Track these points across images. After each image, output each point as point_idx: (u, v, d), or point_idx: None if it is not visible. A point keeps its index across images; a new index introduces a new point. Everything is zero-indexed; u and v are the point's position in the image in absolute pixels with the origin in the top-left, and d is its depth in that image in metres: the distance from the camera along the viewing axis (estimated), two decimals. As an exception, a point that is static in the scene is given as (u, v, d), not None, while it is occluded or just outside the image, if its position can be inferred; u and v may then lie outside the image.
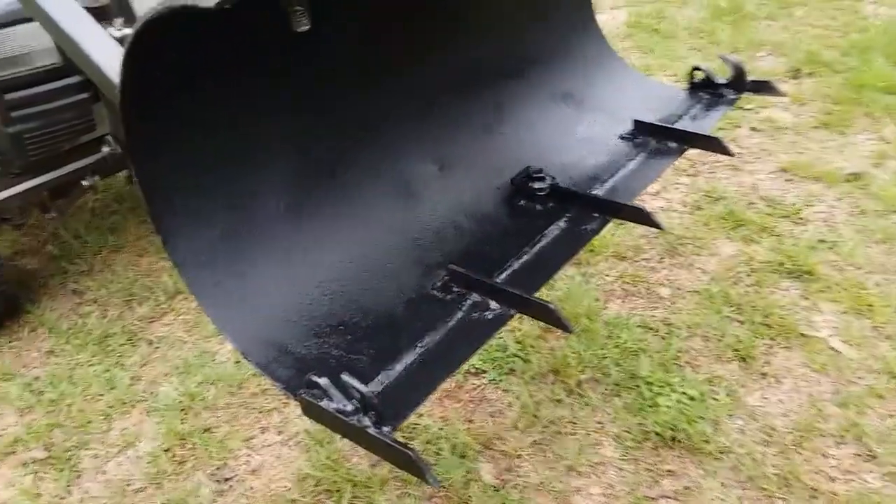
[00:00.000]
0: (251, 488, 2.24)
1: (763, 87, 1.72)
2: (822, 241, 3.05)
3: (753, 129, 3.97)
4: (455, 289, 1.21)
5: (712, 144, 1.53)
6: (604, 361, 2.56)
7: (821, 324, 2.67)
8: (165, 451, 2.39)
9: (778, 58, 4.64)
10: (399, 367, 1.07)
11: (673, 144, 1.60)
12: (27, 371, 2.77)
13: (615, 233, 3.20)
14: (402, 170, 1.37)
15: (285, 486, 2.22)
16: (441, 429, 2.35)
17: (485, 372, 2.58)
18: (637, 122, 1.63)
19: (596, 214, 1.37)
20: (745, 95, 1.81)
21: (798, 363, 2.51)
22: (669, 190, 3.54)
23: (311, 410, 0.97)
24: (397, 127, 1.37)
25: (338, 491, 2.18)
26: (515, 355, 2.61)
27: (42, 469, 2.37)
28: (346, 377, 0.92)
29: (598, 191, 1.46)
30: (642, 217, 1.31)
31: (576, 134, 1.65)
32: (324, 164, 1.24)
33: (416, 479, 2.17)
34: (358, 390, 0.91)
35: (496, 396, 2.49)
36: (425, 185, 1.39)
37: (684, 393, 2.40)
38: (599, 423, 2.36)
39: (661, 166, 1.61)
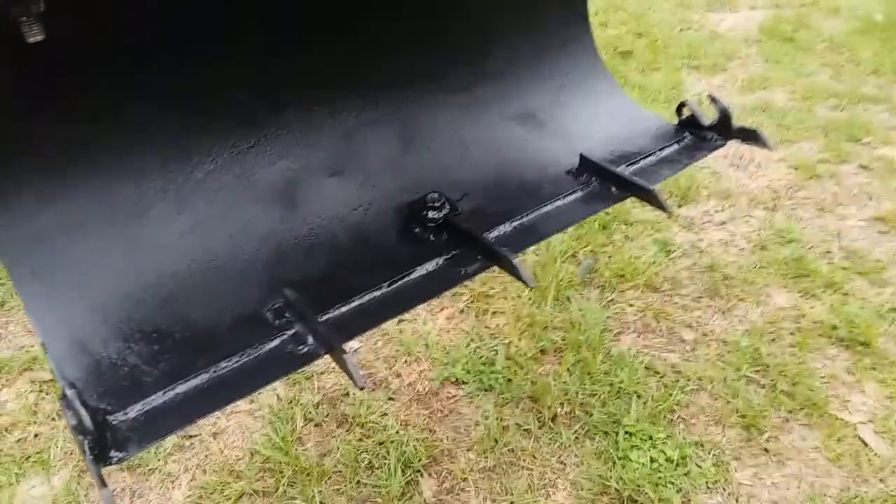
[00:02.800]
0: (208, 450, 2.31)
1: (751, 137, 1.47)
2: (894, 309, 2.63)
3: (863, 166, 3.48)
4: (287, 315, 1.14)
5: (649, 197, 1.33)
6: (590, 399, 2.38)
7: (857, 406, 2.32)
8: (151, 396, 2.53)
9: (921, 87, 4.01)
10: (181, 388, 1.04)
11: (613, 189, 1.41)
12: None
13: (655, 260, 2.95)
14: (287, 174, 1.30)
15: (237, 456, 2.28)
16: (398, 432, 2.30)
17: (465, 383, 2.48)
18: (583, 158, 1.45)
19: (479, 257, 1.25)
20: (735, 143, 1.55)
21: (812, 446, 2.20)
22: (738, 221, 3.19)
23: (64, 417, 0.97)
24: (290, 126, 1.30)
25: (280, 472, 2.20)
26: (500, 373, 2.49)
27: (47, 389, 2.60)
28: (76, 403, 0.90)
29: (508, 227, 1.32)
30: (514, 272, 1.17)
31: (518, 160, 1.50)
32: (187, 155, 1.20)
33: (355, 478, 2.14)
34: (79, 415, 0.88)
35: (467, 412, 2.39)
36: (312, 195, 1.31)
37: (663, 451, 2.19)
38: (561, 463, 2.20)
39: (589, 210, 1.41)
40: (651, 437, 2.23)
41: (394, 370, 2.54)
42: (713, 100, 1.47)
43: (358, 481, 2.17)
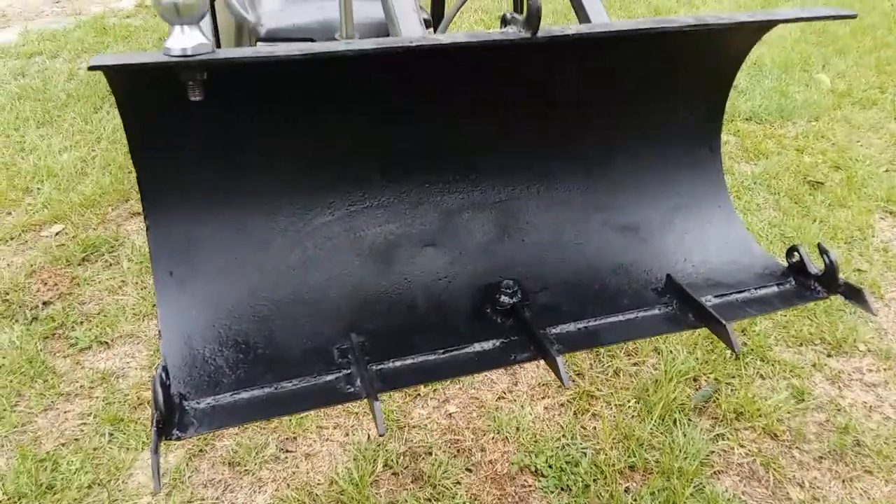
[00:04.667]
0: (297, 468, 2.53)
1: (854, 296, 1.40)
2: None
3: None
4: (348, 356, 1.30)
5: (720, 332, 1.32)
6: (666, 529, 2.27)
7: None
8: (266, 406, 2.82)
9: None
10: (245, 395, 1.22)
11: (690, 316, 1.41)
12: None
13: (783, 406, 2.75)
14: (389, 237, 1.48)
15: (318, 481, 2.47)
16: (463, 501, 2.36)
17: (544, 476, 2.48)
18: (669, 278, 1.48)
19: (532, 348, 1.32)
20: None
21: None
22: (892, 387, 2.89)
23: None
24: (402, 196, 1.49)
25: (349, 507, 2.35)
26: (581, 476, 2.46)
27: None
28: (158, 384, 1.11)
29: (572, 326, 1.38)
30: (555, 370, 1.23)
31: (607, 268, 1.55)
32: (311, 206, 1.42)
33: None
34: (159, 403, 1.09)
35: (536, 504, 2.39)
36: (405, 259, 1.48)
37: None
38: (616, 585, 2.12)
39: (658, 330, 1.43)
40: (719, 590, 2.08)
41: (479, 443, 2.61)
42: (822, 250, 1.44)
43: (413, 536, 2.25)
